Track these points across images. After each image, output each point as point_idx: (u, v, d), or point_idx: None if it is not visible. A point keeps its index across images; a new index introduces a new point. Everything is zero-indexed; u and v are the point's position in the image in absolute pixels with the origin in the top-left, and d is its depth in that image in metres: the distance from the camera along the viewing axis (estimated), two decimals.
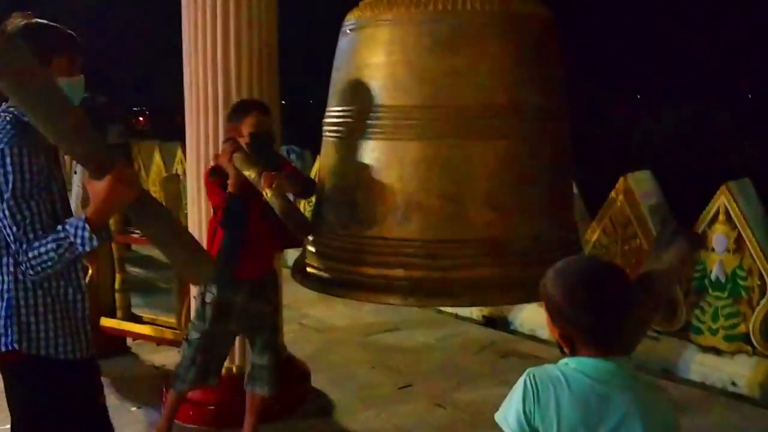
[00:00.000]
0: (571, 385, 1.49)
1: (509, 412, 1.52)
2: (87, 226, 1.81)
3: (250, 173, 2.71)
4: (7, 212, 1.81)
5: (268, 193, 2.61)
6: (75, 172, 7.07)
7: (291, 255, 4.85)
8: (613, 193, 4.66)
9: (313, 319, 5.19)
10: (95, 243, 1.83)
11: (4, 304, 1.89)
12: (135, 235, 4.49)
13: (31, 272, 1.83)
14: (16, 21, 1.98)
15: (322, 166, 2.79)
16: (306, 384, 3.89)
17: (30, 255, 1.81)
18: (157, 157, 9.01)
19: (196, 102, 3.52)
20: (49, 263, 1.82)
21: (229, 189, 2.90)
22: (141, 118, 25.83)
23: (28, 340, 1.90)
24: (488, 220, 2.41)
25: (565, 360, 1.55)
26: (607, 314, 1.50)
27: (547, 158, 2.51)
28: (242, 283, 3.11)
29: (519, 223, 2.44)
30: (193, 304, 3.28)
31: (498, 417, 1.55)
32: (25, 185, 1.83)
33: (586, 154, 7.85)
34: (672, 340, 4.36)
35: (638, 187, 4.60)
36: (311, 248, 2.63)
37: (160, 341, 4.35)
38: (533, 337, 4.86)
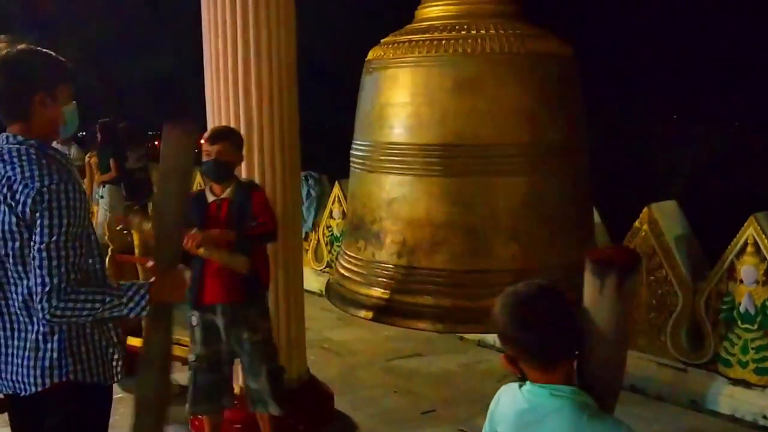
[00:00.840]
0: (516, 405, 1.63)
1: (487, 418, 1.75)
2: (148, 296, 1.91)
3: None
4: (53, 252, 1.81)
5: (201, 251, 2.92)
6: (101, 197, 7.30)
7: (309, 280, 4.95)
8: (637, 223, 4.68)
9: (335, 344, 5.28)
10: (143, 314, 1.94)
11: (58, 336, 1.93)
12: None
13: (57, 315, 1.82)
14: (11, 45, 1.96)
15: (351, 195, 2.92)
16: (330, 406, 3.98)
17: (71, 297, 1.82)
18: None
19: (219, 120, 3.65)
20: (85, 313, 1.86)
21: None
22: (157, 142, 26.32)
23: (82, 371, 1.99)
24: (512, 252, 2.50)
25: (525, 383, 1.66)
26: (540, 330, 1.57)
27: (568, 191, 2.60)
28: (212, 307, 3.23)
29: (541, 254, 2.52)
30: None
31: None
32: (77, 223, 1.87)
33: (610, 185, 7.87)
34: (700, 371, 4.35)
35: (663, 217, 4.63)
36: (345, 272, 2.75)
37: (185, 361, 4.47)
38: None
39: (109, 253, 4.65)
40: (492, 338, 5.32)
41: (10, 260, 1.88)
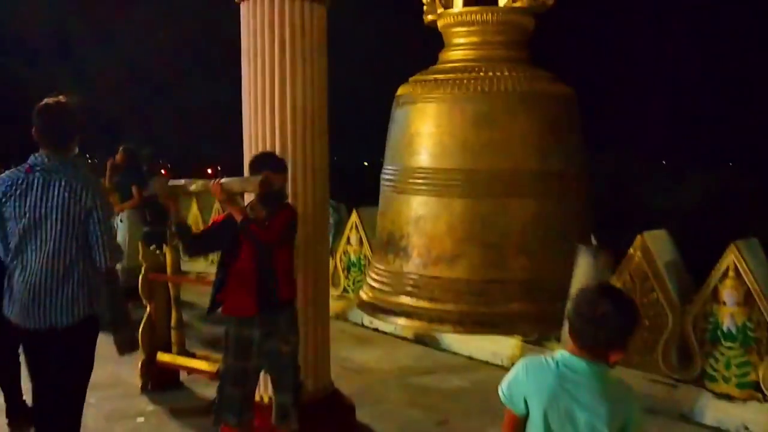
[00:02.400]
0: (551, 372, 2.07)
1: (504, 382, 2.13)
2: None
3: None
4: (105, 226, 2.91)
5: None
6: (121, 221, 7.55)
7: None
8: (631, 250, 5.06)
9: (354, 363, 5.59)
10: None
11: (87, 287, 2.87)
12: (189, 277, 4.97)
13: (110, 259, 2.91)
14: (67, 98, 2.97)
15: (381, 214, 3.30)
16: (352, 416, 4.28)
17: (115, 251, 2.97)
18: (194, 208, 9.61)
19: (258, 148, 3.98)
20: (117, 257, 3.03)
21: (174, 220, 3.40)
22: (211, 171, 26.24)
23: (97, 308, 2.95)
24: (522, 264, 2.89)
25: (558, 351, 2.10)
26: (588, 325, 2.03)
27: (570, 213, 3.00)
28: (250, 320, 3.34)
29: (547, 265, 2.91)
30: None
31: (500, 386, 2.15)
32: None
33: (608, 215, 8.31)
34: (688, 387, 4.68)
35: (655, 244, 5.02)
36: (374, 284, 3.11)
37: (213, 376, 4.74)
38: None
39: (142, 271, 4.97)
40: (500, 359, 5.66)
41: (76, 235, 2.86)
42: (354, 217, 6.91)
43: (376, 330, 6.46)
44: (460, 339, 5.81)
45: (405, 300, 2.94)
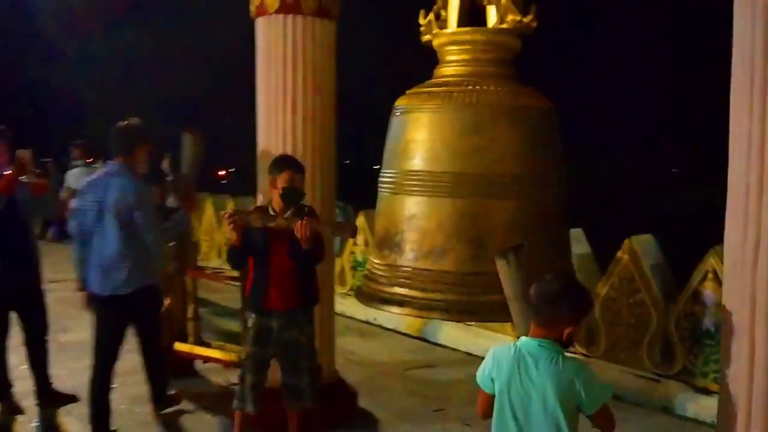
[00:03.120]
0: (510, 355, 2.44)
1: (480, 369, 2.55)
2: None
3: (275, 223, 3.44)
4: (152, 217, 3.93)
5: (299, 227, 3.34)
6: None
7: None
8: (619, 253, 5.38)
9: (358, 356, 5.94)
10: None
11: (145, 261, 3.94)
12: (207, 272, 5.36)
13: (156, 239, 3.95)
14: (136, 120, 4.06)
15: (378, 213, 3.64)
16: (354, 402, 4.63)
17: (159, 235, 3.97)
18: (209, 211, 10.01)
19: (271, 158, 4.34)
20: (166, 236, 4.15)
21: (234, 242, 3.54)
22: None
23: (153, 279, 4.07)
24: None
25: (521, 338, 2.50)
26: (540, 302, 2.44)
27: (548, 214, 3.33)
28: (271, 312, 3.64)
29: (526, 260, 3.22)
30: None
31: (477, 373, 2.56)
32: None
33: (598, 220, 8.64)
34: (670, 382, 5.00)
35: (641, 248, 5.33)
36: (372, 276, 3.46)
37: (227, 363, 5.10)
38: None
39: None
40: None
41: (128, 225, 3.84)
42: (361, 219, 7.28)
43: (380, 326, 6.81)
44: (458, 336, 6.15)
45: (398, 290, 3.27)
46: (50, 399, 4.54)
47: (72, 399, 4.57)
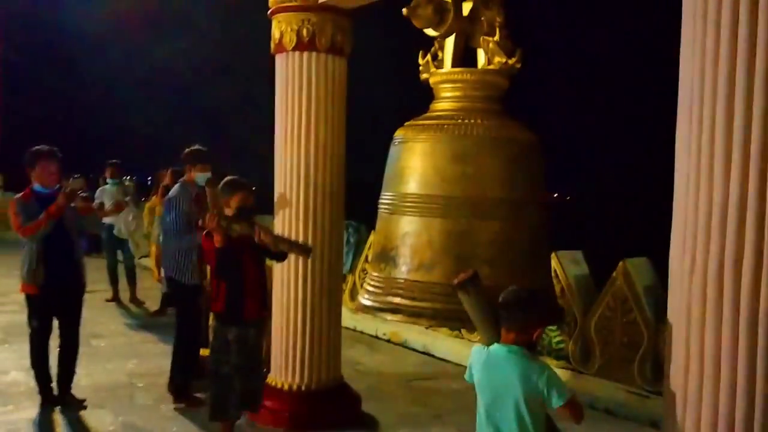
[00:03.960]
0: (483, 358, 2.81)
1: (467, 369, 2.91)
2: None
3: (238, 228, 3.71)
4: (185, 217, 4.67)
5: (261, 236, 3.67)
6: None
7: (345, 318, 5.98)
8: (614, 274, 5.69)
9: (365, 366, 6.31)
10: None
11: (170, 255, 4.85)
12: None
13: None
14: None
15: (377, 230, 4.06)
16: (358, 405, 5.00)
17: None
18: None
19: (287, 180, 4.73)
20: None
21: (217, 244, 3.73)
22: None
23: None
24: (486, 274, 3.57)
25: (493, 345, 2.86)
26: (508, 309, 2.79)
27: (528, 234, 3.71)
28: (248, 322, 3.96)
29: (507, 275, 3.60)
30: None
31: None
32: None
33: (595, 244, 8.95)
34: (659, 398, 5.26)
35: (635, 270, 5.64)
36: (369, 288, 3.86)
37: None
38: None
39: None
40: None
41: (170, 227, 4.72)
42: (372, 238, 7.68)
43: (388, 341, 7.18)
44: (461, 351, 6.49)
45: (392, 299, 3.67)
46: (66, 399, 4.90)
47: (80, 404, 4.89)
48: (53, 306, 4.73)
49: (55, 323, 4.81)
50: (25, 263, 4.58)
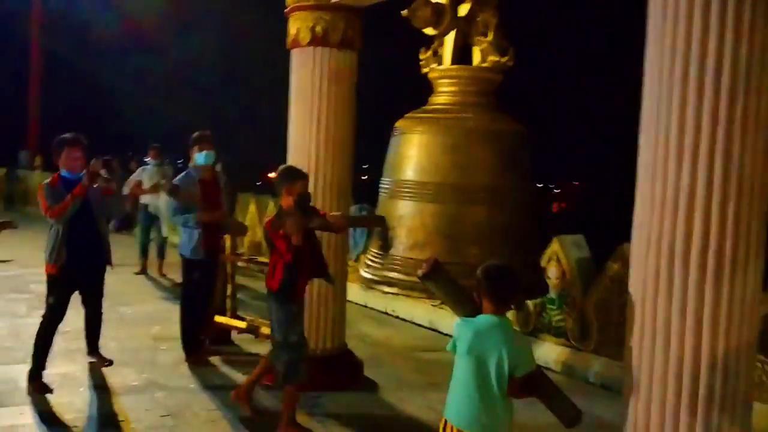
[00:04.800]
0: (473, 326, 3.08)
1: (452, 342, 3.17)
2: None
3: (317, 223, 3.86)
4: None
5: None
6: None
7: (357, 294, 6.38)
8: (611, 259, 5.96)
9: (371, 338, 6.65)
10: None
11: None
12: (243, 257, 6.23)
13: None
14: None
15: (378, 213, 4.41)
16: (360, 369, 5.39)
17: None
18: (252, 208, 10.95)
19: (299, 163, 5.02)
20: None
21: (295, 242, 3.84)
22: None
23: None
24: (473, 252, 3.97)
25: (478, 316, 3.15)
26: (493, 283, 3.04)
27: (515, 217, 4.06)
28: (299, 300, 4.09)
29: (492, 255, 3.95)
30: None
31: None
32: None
33: (598, 228, 9.19)
34: None
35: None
36: (369, 262, 4.24)
37: (258, 334, 5.89)
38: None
39: None
40: None
41: None
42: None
43: (397, 317, 7.54)
44: None
45: (389, 274, 4.06)
46: (95, 356, 5.34)
47: (108, 362, 5.35)
48: (75, 284, 5.12)
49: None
50: (49, 245, 4.97)
